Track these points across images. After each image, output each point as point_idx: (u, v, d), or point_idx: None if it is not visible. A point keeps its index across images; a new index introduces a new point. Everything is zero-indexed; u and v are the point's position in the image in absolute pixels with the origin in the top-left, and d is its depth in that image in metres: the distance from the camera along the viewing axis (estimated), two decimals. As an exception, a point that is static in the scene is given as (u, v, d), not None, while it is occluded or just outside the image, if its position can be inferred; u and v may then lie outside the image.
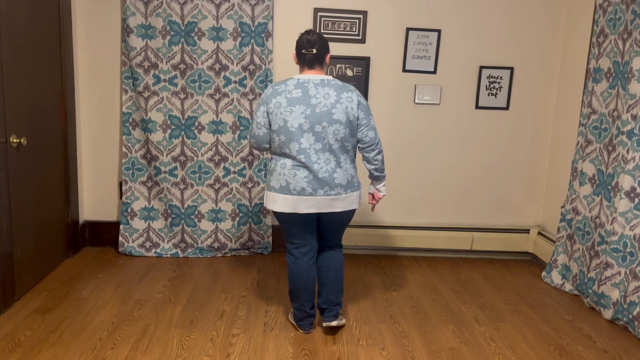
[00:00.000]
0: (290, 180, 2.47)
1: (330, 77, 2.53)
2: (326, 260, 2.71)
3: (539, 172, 4.03)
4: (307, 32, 2.50)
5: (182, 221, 3.76)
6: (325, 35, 3.68)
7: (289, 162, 2.48)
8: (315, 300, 2.85)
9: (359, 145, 2.58)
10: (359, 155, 3.66)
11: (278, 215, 2.58)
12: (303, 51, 2.49)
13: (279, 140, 2.48)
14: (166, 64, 3.56)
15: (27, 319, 2.74)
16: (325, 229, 2.67)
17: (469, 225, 4.06)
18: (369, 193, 2.77)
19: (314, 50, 2.48)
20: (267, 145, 2.57)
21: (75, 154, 3.64)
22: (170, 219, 3.76)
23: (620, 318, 2.95)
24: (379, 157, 2.60)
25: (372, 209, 2.81)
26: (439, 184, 4.00)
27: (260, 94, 3.67)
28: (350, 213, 2.63)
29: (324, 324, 2.69)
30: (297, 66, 3.72)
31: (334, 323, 2.66)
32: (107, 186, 3.85)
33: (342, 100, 2.46)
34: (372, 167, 2.63)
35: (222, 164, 3.73)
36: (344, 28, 3.71)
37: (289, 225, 2.59)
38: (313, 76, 2.50)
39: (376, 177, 2.68)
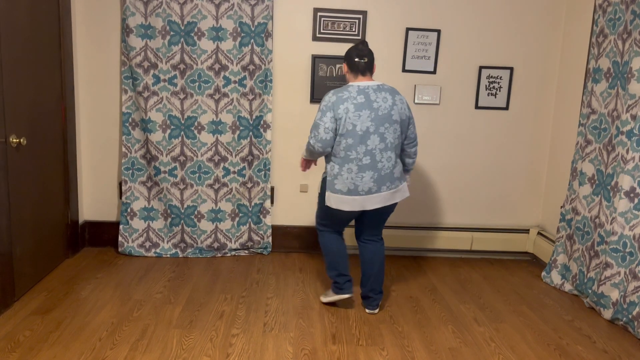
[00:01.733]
0: (359, 183, 2.71)
1: (383, 82, 2.80)
2: (371, 255, 2.93)
3: (538, 172, 4.03)
4: (362, 42, 2.76)
5: (182, 221, 3.76)
6: (324, 35, 3.69)
7: (354, 166, 2.70)
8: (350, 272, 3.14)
9: (405, 141, 2.86)
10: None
11: (339, 212, 2.80)
12: (356, 60, 2.73)
13: (345, 144, 2.69)
14: (166, 64, 3.56)
15: (26, 319, 2.73)
16: (373, 222, 2.89)
17: (469, 225, 4.06)
18: None
19: (366, 59, 2.73)
20: (330, 149, 2.76)
21: (74, 154, 3.64)
22: (169, 219, 3.76)
23: (620, 318, 2.95)
24: (416, 149, 2.93)
25: None
26: (438, 183, 4.00)
27: (260, 94, 3.67)
28: (396, 202, 2.89)
29: (367, 311, 2.98)
30: (297, 66, 3.75)
31: (376, 311, 2.98)
32: (107, 186, 3.85)
33: (397, 102, 2.74)
34: (411, 160, 2.94)
35: (222, 164, 3.73)
36: (344, 28, 3.71)
37: (341, 219, 2.86)
38: (370, 83, 2.74)
39: (408, 170, 3.00)
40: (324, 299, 3.06)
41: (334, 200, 2.76)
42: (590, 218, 3.26)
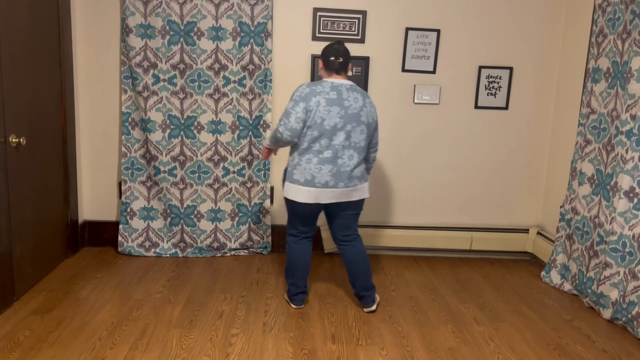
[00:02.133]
0: (316, 175, 2.73)
1: (354, 84, 2.87)
2: (350, 255, 2.94)
3: (538, 171, 4.03)
4: (338, 43, 2.80)
5: (182, 221, 3.76)
6: (324, 35, 3.69)
7: (314, 158, 2.73)
8: (307, 281, 3.13)
9: (369, 145, 2.92)
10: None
11: (298, 204, 2.81)
12: (332, 58, 2.77)
13: (311, 136, 2.72)
14: (165, 63, 3.56)
15: (26, 319, 2.73)
16: (343, 221, 2.92)
17: (468, 225, 4.06)
18: None
19: (342, 59, 2.78)
20: (297, 139, 2.76)
21: (74, 154, 3.64)
22: (169, 219, 3.76)
23: (619, 318, 2.95)
24: (376, 156, 3.02)
25: None
26: (437, 183, 4.00)
27: (259, 94, 3.67)
28: (363, 201, 2.93)
29: (365, 310, 2.99)
30: (296, 66, 3.75)
31: (373, 307, 2.98)
32: (107, 186, 3.85)
33: (367, 105, 2.81)
34: (370, 165, 2.99)
35: (222, 164, 3.73)
36: (344, 28, 3.71)
37: (301, 213, 2.86)
38: (344, 81, 2.80)
39: (368, 174, 3.01)
40: (285, 295, 3.14)
41: (291, 191, 2.78)
42: (590, 218, 3.26)
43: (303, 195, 2.75)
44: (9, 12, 2.78)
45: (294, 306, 3.00)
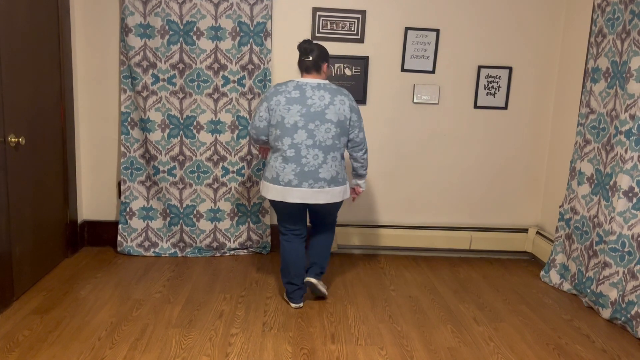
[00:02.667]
0: (280, 173, 2.79)
1: (327, 82, 2.84)
2: (314, 241, 3.07)
3: (537, 171, 4.04)
4: (305, 42, 2.82)
5: (181, 221, 3.76)
6: (324, 35, 3.69)
7: (279, 157, 2.80)
8: (304, 275, 3.09)
9: (349, 144, 2.90)
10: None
11: (274, 202, 2.89)
12: (303, 58, 2.83)
13: (274, 134, 2.80)
14: (165, 63, 3.56)
15: (25, 319, 2.73)
16: (314, 218, 3.05)
17: (468, 224, 4.06)
18: (351, 187, 3.09)
19: (310, 58, 2.81)
20: (265, 138, 2.88)
21: (73, 154, 3.64)
22: (168, 219, 3.76)
23: (619, 317, 2.95)
24: (365, 156, 2.94)
25: (353, 200, 3.14)
26: (437, 183, 4.00)
27: (259, 94, 3.67)
28: (334, 205, 2.93)
29: (305, 280, 3.02)
30: (296, 66, 3.75)
31: (313, 280, 3.01)
32: (106, 186, 3.85)
33: (335, 102, 2.78)
34: (358, 164, 2.96)
35: (221, 164, 3.73)
36: (343, 28, 3.71)
37: (281, 211, 2.93)
38: (311, 80, 2.82)
39: (359, 175, 3.02)
40: (284, 295, 3.14)
41: (263, 188, 2.90)
42: (589, 217, 3.26)
43: (271, 192, 2.83)
44: (9, 11, 2.78)
45: (293, 305, 3.01)
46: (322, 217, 3.02)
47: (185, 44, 3.55)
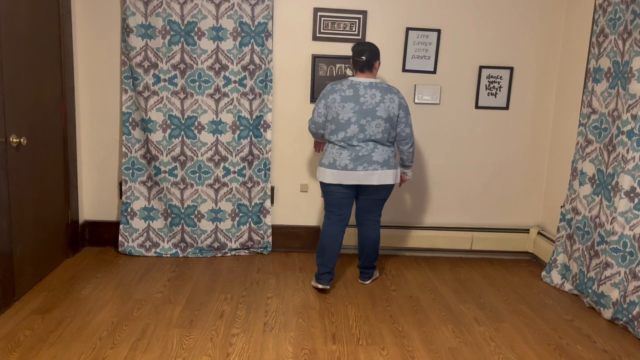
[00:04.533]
0: (337, 158, 3.06)
1: (379, 80, 3.09)
2: (363, 238, 3.29)
3: (538, 171, 4.03)
4: (359, 44, 3.10)
5: (182, 221, 3.76)
6: (324, 35, 3.69)
7: (335, 146, 3.09)
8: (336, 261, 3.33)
9: (397, 137, 3.15)
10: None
11: (327, 186, 3.14)
12: (356, 58, 3.07)
13: (330, 128, 3.09)
14: (166, 63, 3.57)
15: (26, 319, 2.74)
16: (364, 204, 3.22)
17: (469, 225, 4.06)
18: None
19: (364, 58, 3.04)
20: (323, 132, 3.18)
21: (75, 154, 3.64)
22: (170, 219, 3.76)
23: (620, 318, 2.95)
24: (411, 149, 3.20)
25: (400, 185, 3.40)
26: (438, 183, 4.00)
27: (260, 94, 3.68)
28: (387, 187, 3.16)
29: (360, 281, 3.42)
30: (297, 66, 3.75)
31: (367, 282, 3.41)
32: (107, 186, 3.85)
33: (385, 100, 3.04)
34: (404, 156, 3.24)
35: (222, 164, 3.73)
36: (344, 28, 3.71)
37: (332, 195, 3.15)
38: (363, 79, 3.07)
39: (405, 165, 3.31)
40: (312, 281, 3.31)
41: (319, 173, 3.15)
42: (591, 218, 3.26)
43: (327, 176, 3.09)
44: (10, 12, 2.79)
45: (320, 286, 3.18)
46: (372, 205, 3.20)
47: (187, 44, 3.55)
